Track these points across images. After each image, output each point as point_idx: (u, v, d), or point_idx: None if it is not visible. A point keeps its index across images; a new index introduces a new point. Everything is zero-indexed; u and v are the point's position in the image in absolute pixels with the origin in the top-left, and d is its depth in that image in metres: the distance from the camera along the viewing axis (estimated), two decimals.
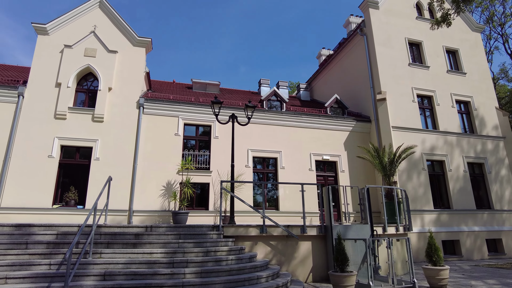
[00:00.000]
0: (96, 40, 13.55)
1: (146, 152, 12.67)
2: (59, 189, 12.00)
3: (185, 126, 13.69)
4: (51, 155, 11.80)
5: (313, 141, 14.68)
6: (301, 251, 8.78)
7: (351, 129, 15.32)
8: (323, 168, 14.77)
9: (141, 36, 14.08)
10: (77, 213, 11.43)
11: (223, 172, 13.13)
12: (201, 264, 6.70)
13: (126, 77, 13.44)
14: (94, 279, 5.95)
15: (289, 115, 14.69)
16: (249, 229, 8.56)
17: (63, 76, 12.69)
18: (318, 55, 23.94)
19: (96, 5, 14.18)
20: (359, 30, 16.65)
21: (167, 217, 12.17)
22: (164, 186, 12.51)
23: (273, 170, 14.14)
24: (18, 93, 12.12)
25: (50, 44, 13.16)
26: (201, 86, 18.20)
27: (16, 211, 11.06)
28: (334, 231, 8.55)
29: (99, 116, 12.52)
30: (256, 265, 7.28)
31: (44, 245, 6.88)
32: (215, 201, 12.86)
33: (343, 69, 18.76)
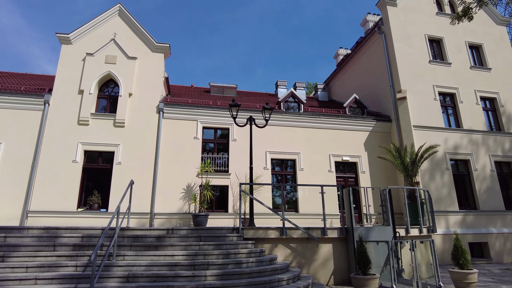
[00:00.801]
0: (116, 47, 13.93)
1: (166, 156, 12.88)
2: (83, 193, 12.37)
3: (204, 129, 13.83)
4: (75, 160, 12.18)
5: (332, 142, 14.52)
6: (322, 253, 8.68)
7: (371, 129, 15.05)
8: (343, 169, 14.57)
9: (159, 42, 14.36)
10: (100, 216, 11.73)
11: (241, 174, 13.17)
12: (222, 267, 6.73)
13: (145, 82, 13.74)
14: (118, 280, 6.07)
15: (307, 116, 14.60)
16: (269, 232, 8.54)
17: (86, 83, 13.10)
18: (335, 55, 23.71)
19: (115, 13, 14.58)
20: (377, 29, 16.38)
21: (187, 220, 12.32)
22: (184, 189, 12.67)
23: (292, 172, 14.07)
24: (44, 101, 12.60)
25: (73, 53, 13.63)
26: (219, 90, 18.36)
27: (44, 214, 11.47)
28: (356, 233, 8.41)
29: (121, 121, 12.84)
30: (276, 268, 7.25)
31: (70, 247, 7.09)
32: (234, 203, 12.92)
33: (361, 68, 18.49)
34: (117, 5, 14.56)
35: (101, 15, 14.35)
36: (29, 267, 6.23)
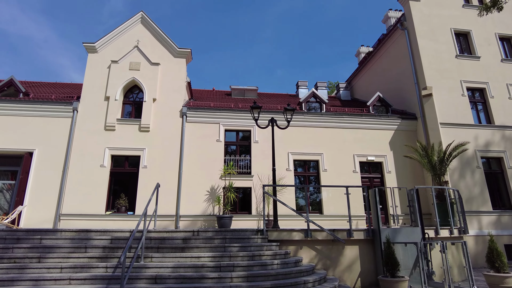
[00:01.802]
0: (139, 54, 14.30)
1: (190, 159, 13.09)
2: (111, 196, 12.75)
3: (226, 132, 13.95)
4: (103, 165, 12.58)
5: (356, 142, 14.26)
6: (348, 255, 8.54)
7: (396, 127, 14.68)
8: (368, 170, 14.28)
9: (181, 48, 14.63)
10: (128, 219, 12.05)
11: (264, 176, 13.17)
12: (247, 268, 6.75)
13: (169, 87, 14.02)
14: (146, 282, 6.22)
15: (329, 116, 14.42)
16: (293, 233, 8.49)
17: (111, 89, 13.52)
18: (357, 53, 23.32)
19: (138, 21, 14.98)
20: (399, 25, 15.98)
21: (211, 221, 12.44)
22: (208, 191, 12.82)
23: (315, 173, 13.93)
24: (72, 108, 13.12)
25: (99, 61, 14.11)
26: (240, 92, 18.47)
27: (75, 217, 11.92)
28: (383, 234, 8.22)
29: (145, 126, 13.16)
30: (302, 270, 7.19)
31: (100, 249, 7.32)
32: (257, 205, 12.93)
33: (384, 66, 18.09)
34: (139, 13, 14.96)
35: (125, 23, 14.78)
36: (63, 267, 6.48)
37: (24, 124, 12.84)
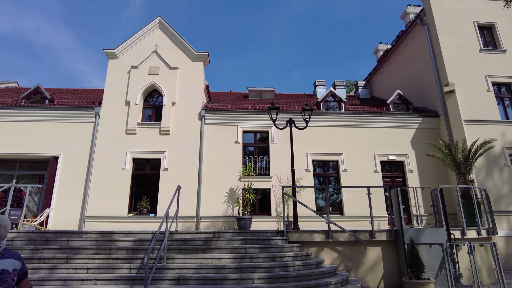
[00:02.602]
0: (158, 59, 14.56)
1: (209, 161, 13.21)
2: (133, 198, 13.03)
3: (244, 133, 13.99)
4: (125, 168, 12.87)
5: (377, 141, 14.00)
6: (370, 256, 8.39)
7: (418, 125, 14.31)
8: (390, 169, 13.99)
9: (198, 51, 14.79)
10: (150, 221, 12.27)
11: (283, 177, 13.12)
12: (269, 270, 6.74)
13: (187, 91, 14.21)
14: (169, 283, 6.31)
15: (348, 115, 14.23)
16: (314, 235, 8.43)
17: (131, 94, 13.82)
18: (375, 51, 22.91)
19: (156, 26, 15.26)
20: (419, 20, 15.60)
21: (231, 223, 12.50)
22: (227, 192, 12.89)
23: (335, 173, 13.76)
24: (95, 113, 13.49)
25: (119, 67, 14.46)
26: (257, 94, 18.50)
27: (99, 219, 12.23)
28: (406, 235, 8.03)
29: (165, 129, 13.38)
30: (323, 271, 7.13)
31: (124, 251, 7.49)
32: (276, 206, 12.90)
33: (404, 63, 17.70)
34: (157, 18, 15.23)
35: (143, 29, 15.08)
36: (89, 268, 6.67)
37: (50, 129, 13.31)
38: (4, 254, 2.58)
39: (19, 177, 13.55)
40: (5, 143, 12.98)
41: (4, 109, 13.35)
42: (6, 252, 2.61)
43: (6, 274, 2.50)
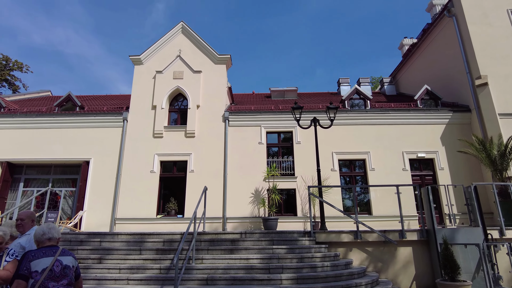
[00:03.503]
0: (182, 63, 14.83)
1: (234, 162, 13.30)
2: (161, 200, 13.33)
3: (268, 134, 13.99)
4: (153, 170, 13.20)
5: (405, 138, 13.59)
6: (401, 257, 8.17)
7: (448, 121, 13.77)
8: (419, 167, 13.55)
9: (221, 54, 14.95)
10: (178, 222, 12.50)
11: (308, 177, 13.00)
12: (297, 270, 6.70)
13: (211, 94, 14.39)
14: (198, 283, 6.40)
15: (374, 113, 13.90)
16: (342, 235, 8.30)
17: (157, 99, 14.16)
18: (400, 46, 22.27)
19: (179, 31, 15.56)
20: (446, 12, 15.01)
21: (257, 223, 12.53)
22: (252, 193, 12.93)
23: (362, 173, 13.49)
24: (123, 118, 13.93)
25: (145, 72, 14.85)
26: (279, 94, 18.44)
27: (128, 221, 12.61)
28: (438, 235, 7.75)
29: (191, 132, 13.61)
30: (353, 272, 7.00)
31: (154, 251, 7.68)
32: (302, 207, 12.80)
33: (431, 57, 17.09)
34: (180, 23, 15.53)
35: (166, 34, 15.42)
36: (121, 268, 6.88)
37: (81, 135, 13.86)
38: (64, 252, 2.96)
39: (54, 181, 14.21)
40: (41, 149, 13.65)
41: (40, 116, 14.05)
42: (65, 250, 2.98)
43: (69, 269, 2.90)
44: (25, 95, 20.43)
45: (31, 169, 14.39)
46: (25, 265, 2.72)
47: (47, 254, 2.85)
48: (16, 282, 2.66)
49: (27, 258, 2.76)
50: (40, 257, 2.79)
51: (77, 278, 3.04)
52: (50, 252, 2.87)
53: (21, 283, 2.65)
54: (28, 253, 2.81)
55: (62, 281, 2.81)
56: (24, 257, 2.78)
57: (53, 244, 3.00)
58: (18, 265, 2.76)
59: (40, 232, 3.01)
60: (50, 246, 2.96)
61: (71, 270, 2.92)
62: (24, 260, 2.75)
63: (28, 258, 2.76)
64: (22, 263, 2.74)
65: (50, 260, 2.81)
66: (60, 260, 2.88)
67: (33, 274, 2.70)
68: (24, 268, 2.70)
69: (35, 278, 2.69)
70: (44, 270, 2.73)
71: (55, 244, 3.03)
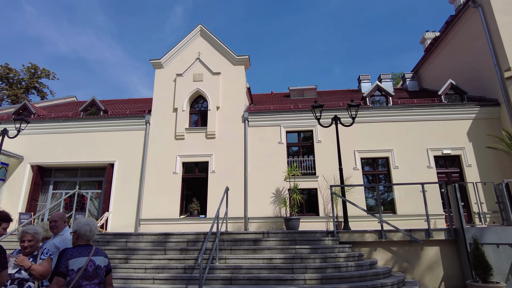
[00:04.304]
0: (201, 66, 15.00)
1: (254, 162, 13.33)
2: (184, 201, 13.52)
3: (287, 133, 13.93)
4: (175, 172, 13.41)
5: (429, 135, 13.19)
6: (428, 257, 7.95)
7: (475, 116, 13.27)
8: (444, 164, 13.12)
9: (239, 55, 15.01)
10: (200, 222, 12.65)
11: (329, 176, 12.84)
12: (320, 270, 6.64)
13: (230, 95, 14.48)
14: (222, 283, 6.45)
15: (397, 109, 13.57)
16: (366, 235, 8.17)
17: (178, 101, 14.38)
18: (421, 40, 21.66)
19: (197, 33, 15.74)
20: (471, 2, 14.45)
21: (279, 223, 12.49)
22: (273, 193, 12.91)
23: (385, 171, 13.20)
24: (145, 121, 14.23)
25: (165, 75, 15.12)
26: (298, 93, 18.33)
27: (153, 222, 12.86)
28: (468, 234, 7.49)
29: (211, 133, 13.75)
30: (378, 272, 6.87)
31: (178, 251, 7.80)
32: (324, 206, 12.66)
33: (455, 50, 16.52)
34: (198, 26, 15.71)
35: (185, 37, 15.63)
36: (147, 268, 7.03)
37: (105, 138, 14.27)
38: (97, 252, 3.06)
39: (81, 184, 14.69)
40: (68, 152, 14.15)
41: (66, 121, 14.57)
42: (97, 250, 3.08)
43: (100, 269, 3.00)
44: (52, 101, 21.26)
45: (59, 172, 14.94)
46: (64, 263, 2.84)
47: (82, 253, 2.96)
48: (55, 278, 2.78)
49: (65, 256, 2.88)
50: (76, 256, 2.91)
51: (107, 274, 3.12)
52: (85, 252, 2.99)
53: (60, 280, 2.77)
54: (66, 251, 2.93)
55: (94, 281, 2.93)
56: (63, 255, 2.90)
57: (88, 243, 3.11)
58: (57, 263, 2.88)
59: (87, 229, 3.09)
60: (85, 245, 3.07)
61: (102, 270, 3.02)
62: (62, 258, 2.87)
63: (66, 256, 2.88)
64: (60, 260, 2.86)
65: (85, 259, 2.92)
66: (93, 260, 2.98)
67: (69, 272, 2.82)
68: (63, 266, 2.82)
69: (71, 277, 2.81)
70: (79, 270, 2.85)
71: (90, 243, 3.13)
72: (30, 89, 29.84)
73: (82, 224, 3.09)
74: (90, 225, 3.12)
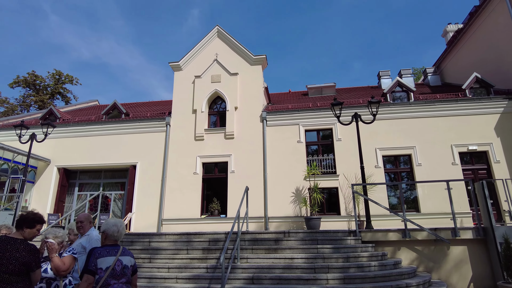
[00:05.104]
0: (219, 67, 15.10)
1: (273, 161, 13.30)
2: (204, 201, 13.66)
3: (306, 132, 13.82)
4: (196, 172, 13.57)
5: (453, 131, 12.77)
6: (454, 257, 7.71)
7: (502, 110, 12.74)
8: (470, 161, 12.68)
9: (256, 55, 15.01)
10: (221, 222, 12.73)
11: (350, 175, 12.63)
12: (343, 270, 6.55)
13: (248, 95, 14.51)
14: (244, 282, 6.47)
15: (419, 105, 13.21)
16: (389, 234, 8.00)
17: (197, 103, 14.54)
18: (443, 33, 20.99)
19: (215, 35, 15.85)
20: None
21: (300, 223, 12.41)
22: (293, 192, 12.84)
23: (408, 168, 12.89)
24: (165, 123, 14.47)
25: (184, 78, 15.31)
26: (317, 91, 18.16)
27: (174, 222, 13.06)
28: (498, 233, 7.21)
29: (230, 134, 13.82)
30: (402, 272, 6.72)
31: (200, 251, 7.89)
32: (346, 205, 12.48)
33: (480, 42, 15.92)
34: (215, 28, 15.82)
35: (203, 39, 15.78)
36: (170, 267, 7.14)
37: (127, 140, 14.60)
38: (124, 252, 3.14)
39: (105, 185, 15.09)
40: (92, 155, 14.57)
41: (89, 125, 15.01)
42: (124, 250, 3.17)
43: (127, 269, 3.09)
44: (76, 106, 21.97)
45: (84, 174, 15.41)
46: (93, 261, 2.93)
47: (110, 253, 3.04)
48: (85, 276, 2.88)
49: (94, 255, 2.97)
50: (105, 256, 2.99)
51: (133, 274, 3.20)
52: (113, 251, 3.07)
53: (90, 278, 2.87)
54: (95, 250, 3.03)
55: (121, 280, 3.00)
56: (92, 254, 2.99)
57: (116, 243, 3.19)
58: (86, 261, 2.98)
59: (115, 229, 3.18)
60: (113, 245, 3.16)
61: (129, 269, 3.10)
62: (91, 257, 2.97)
63: (95, 255, 2.97)
64: (90, 259, 2.96)
65: (113, 259, 3.00)
66: (121, 260, 3.06)
67: (98, 271, 2.91)
68: (92, 264, 2.92)
69: (100, 275, 2.90)
70: (107, 268, 2.93)
71: (117, 243, 3.21)
72: (55, 95, 30.96)
73: (110, 225, 3.19)
74: (118, 226, 3.21)
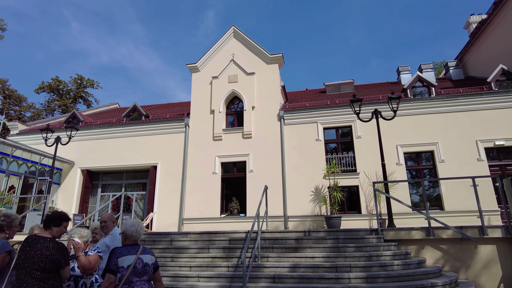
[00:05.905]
0: (236, 67, 15.16)
1: (292, 160, 13.25)
2: (223, 200, 13.77)
3: (325, 130, 13.69)
4: (215, 172, 13.69)
5: (478, 125, 12.35)
6: (482, 256, 7.44)
7: None
8: (497, 156, 12.23)
9: (272, 54, 14.99)
10: (240, 221, 12.79)
11: (371, 172, 12.44)
12: (365, 269, 6.45)
13: (265, 94, 14.51)
14: (266, 281, 6.46)
15: (441, 100, 12.85)
16: (412, 232, 7.82)
17: (215, 103, 14.66)
18: (465, 25, 20.32)
19: (231, 35, 15.92)
20: None
21: (320, 222, 12.32)
22: (312, 191, 12.76)
23: (430, 165, 12.56)
24: (184, 123, 14.67)
25: (202, 79, 15.47)
26: (335, 88, 17.96)
27: (195, 221, 13.22)
28: None
29: (248, 133, 13.86)
30: (427, 271, 6.55)
31: (221, 250, 7.94)
32: (366, 204, 12.29)
33: (505, 33, 15.30)
34: (231, 28, 15.89)
35: (219, 40, 15.88)
36: (192, 266, 7.22)
37: (148, 141, 14.89)
38: (144, 251, 3.22)
39: (127, 186, 15.45)
40: (114, 157, 14.95)
41: (110, 127, 15.40)
42: (144, 249, 3.25)
43: (148, 267, 3.16)
44: (97, 109, 22.58)
45: (106, 176, 15.82)
46: (113, 261, 3.02)
47: (131, 252, 3.13)
48: (107, 275, 2.98)
49: (115, 255, 3.07)
50: (125, 255, 3.08)
51: (155, 271, 3.28)
52: (133, 251, 3.16)
53: (111, 277, 2.96)
54: (116, 250, 3.13)
55: (143, 277, 3.08)
56: (113, 254, 3.09)
57: (136, 243, 3.28)
58: (107, 261, 3.08)
59: (133, 230, 3.27)
60: (133, 244, 3.25)
61: (150, 267, 3.17)
62: (112, 257, 3.06)
63: (116, 255, 3.06)
64: (111, 259, 3.05)
65: (133, 257, 3.09)
66: (141, 258, 3.14)
67: (120, 269, 2.99)
68: (113, 263, 3.01)
69: (122, 273, 2.98)
70: (129, 267, 3.02)
71: (137, 243, 3.29)
72: (77, 99, 31.93)
73: (128, 226, 3.28)
74: (136, 226, 3.29)
